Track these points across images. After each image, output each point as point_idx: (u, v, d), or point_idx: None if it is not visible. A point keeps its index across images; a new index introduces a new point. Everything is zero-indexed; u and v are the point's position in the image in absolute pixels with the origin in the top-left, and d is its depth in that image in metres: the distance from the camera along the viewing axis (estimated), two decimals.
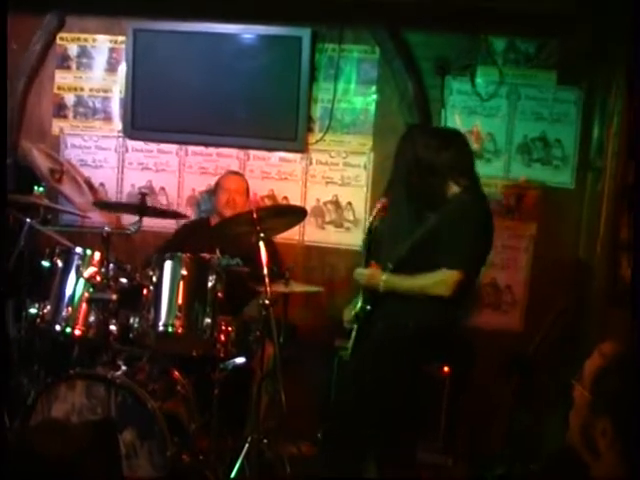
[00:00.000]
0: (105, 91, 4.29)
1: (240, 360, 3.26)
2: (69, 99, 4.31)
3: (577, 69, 3.79)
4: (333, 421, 3.13)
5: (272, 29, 4.01)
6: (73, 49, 4.28)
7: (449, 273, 2.99)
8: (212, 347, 3.16)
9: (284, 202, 4.15)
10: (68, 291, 3.08)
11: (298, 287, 3.40)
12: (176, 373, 3.30)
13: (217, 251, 3.28)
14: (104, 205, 4.19)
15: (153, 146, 4.27)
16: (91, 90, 4.29)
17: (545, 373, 3.65)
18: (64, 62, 4.29)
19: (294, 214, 3.47)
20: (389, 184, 3.94)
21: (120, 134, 4.27)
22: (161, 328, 3.07)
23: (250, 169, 4.18)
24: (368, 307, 3.19)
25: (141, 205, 3.41)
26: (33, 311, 3.06)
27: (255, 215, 3.12)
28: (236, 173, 4.02)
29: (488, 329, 3.94)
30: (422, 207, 3.24)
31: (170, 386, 3.28)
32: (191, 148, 4.23)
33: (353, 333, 3.23)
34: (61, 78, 4.30)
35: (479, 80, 3.91)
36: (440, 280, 2.99)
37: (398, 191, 3.86)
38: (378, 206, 3.26)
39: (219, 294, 3.15)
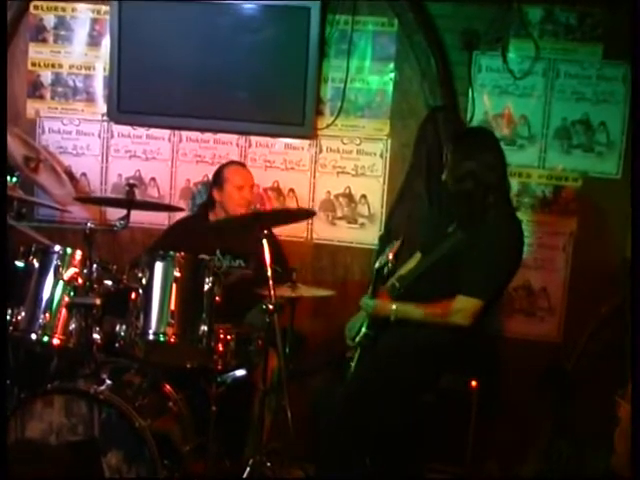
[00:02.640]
0: (87, 68, 4.26)
1: (240, 373, 3.26)
2: (46, 77, 4.29)
3: (626, 42, 3.73)
4: (330, 442, 3.11)
5: None
6: (49, 19, 4.25)
7: (469, 301, 3.02)
8: (209, 358, 3.15)
9: (290, 195, 4.16)
10: (45, 295, 3.07)
11: (306, 291, 3.39)
12: (168, 387, 3.31)
13: (217, 252, 3.26)
14: (87, 198, 4.17)
15: (142, 131, 4.26)
16: (71, 67, 4.27)
17: (586, 389, 3.62)
18: (39, 34, 4.27)
19: (302, 217, 3.45)
20: (407, 175, 3.94)
21: (104, 117, 4.26)
22: (151, 337, 3.06)
23: (252, 157, 4.17)
24: (372, 334, 3.20)
25: (129, 198, 3.38)
26: None
27: (259, 219, 3.16)
28: (242, 165, 4.01)
29: (520, 339, 3.94)
30: (443, 205, 3.22)
31: (161, 402, 3.27)
32: (185, 134, 4.23)
33: (355, 355, 3.23)
34: (36, 53, 4.28)
35: (512, 55, 3.88)
36: (459, 309, 3.02)
37: (417, 184, 3.86)
38: (394, 250, 3.22)
39: (217, 298, 3.14)
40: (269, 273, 3.06)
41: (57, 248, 3.14)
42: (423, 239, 3.40)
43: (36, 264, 3.09)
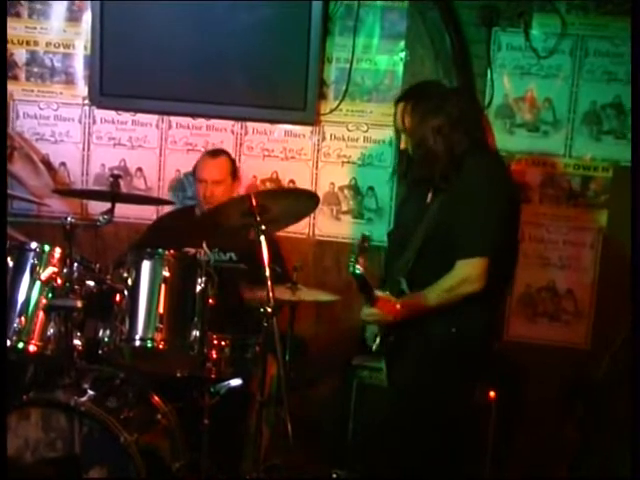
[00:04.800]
0: (66, 46, 4.24)
1: (236, 382, 3.24)
2: (20, 56, 4.26)
3: None
4: (355, 461, 3.08)
5: None
6: None
7: (471, 264, 2.94)
8: (201, 366, 3.16)
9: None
10: (21, 297, 3.05)
11: (308, 295, 3.39)
12: (156, 399, 3.29)
13: (204, 245, 3.25)
14: (67, 191, 4.16)
15: (127, 116, 4.25)
16: (48, 45, 4.25)
17: (618, 402, 3.61)
18: (12, 8, 4.21)
19: (303, 199, 3.43)
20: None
21: (86, 101, 4.25)
22: (138, 343, 3.06)
23: (248, 146, 4.17)
24: (390, 338, 3.14)
25: (113, 190, 3.38)
26: None
27: (254, 201, 3.08)
28: (215, 154, 3.99)
29: (544, 345, 3.94)
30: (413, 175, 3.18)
31: (149, 415, 3.26)
32: (175, 119, 4.22)
33: (384, 364, 3.19)
34: (9, 29, 4.19)
35: (535, 32, 3.88)
36: (463, 277, 2.94)
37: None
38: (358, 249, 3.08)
39: (210, 300, 3.14)
40: (267, 273, 3.03)
41: (34, 245, 3.12)
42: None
43: (10, 263, 3.08)
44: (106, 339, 3.08)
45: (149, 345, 3.05)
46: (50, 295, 3.05)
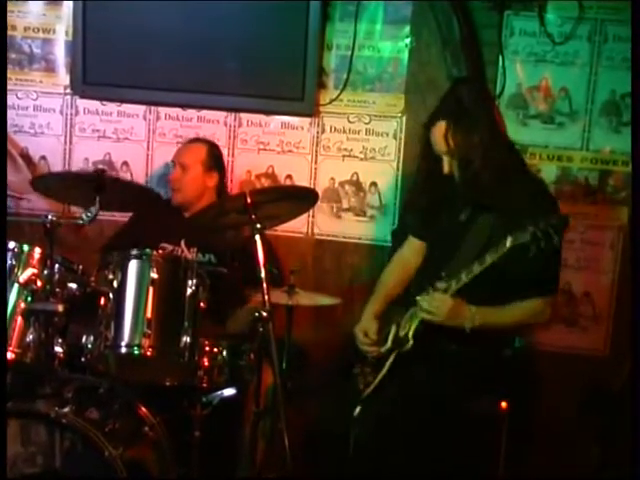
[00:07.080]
0: (46, 31, 4.24)
1: (229, 392, 3.25)
2: None
3: None
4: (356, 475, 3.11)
5: None
6: None
7: (545, 301, 3.16)
8: (192, 375, 3.15)
9: (287, 182, 4.15)
10: None
11: (306, 298, 3.40)
12: (143, 410, 3.28)
13: (182, 243, 3.25)
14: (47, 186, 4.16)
15: (112, 107, 4.25)
16: (26, 29, 4.25)
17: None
18: None
19: (301, 199, 3.41)
20: (424, 159, 3.90)
21: (67, 90, 4.25)
22: (124, 350, 3.04)
23: (242, 138, 4.18)
24: (410, 342, 3.21)
25: (97, 186, 3.33)
26: None
27: (249, 200, 3.08)
28: (194, 140, 4.04)
29: (559, 352, 3.95)
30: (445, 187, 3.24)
31: (135, 427, 3.25)
32: (164, 110, 4.23)
33: (387, 364, 3.25)
34: None
35: (550, 16, 3.89)
36: (538, 311, 3.17)
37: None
38: None
39: (201, 304, 3.13)
40: (263, 274, 3.02)
41: (11, 245, 3.10)
42: (425, 225, 3.43)
43: None
44: (90, 346, 3.05)
45: (136, 352, 3.02)
46: (29, 298, 3.03)
